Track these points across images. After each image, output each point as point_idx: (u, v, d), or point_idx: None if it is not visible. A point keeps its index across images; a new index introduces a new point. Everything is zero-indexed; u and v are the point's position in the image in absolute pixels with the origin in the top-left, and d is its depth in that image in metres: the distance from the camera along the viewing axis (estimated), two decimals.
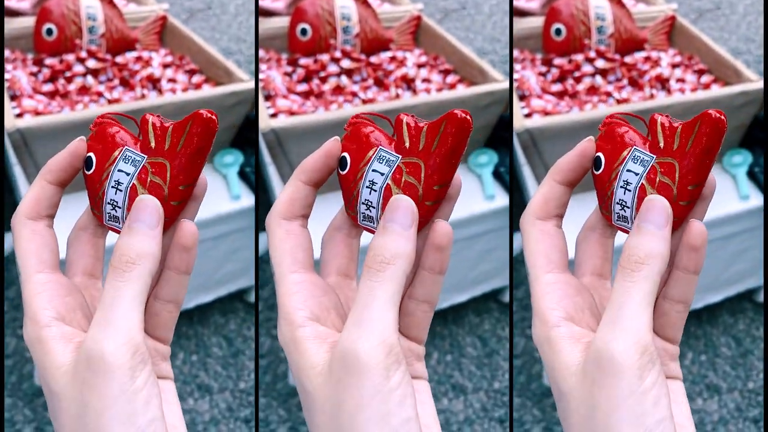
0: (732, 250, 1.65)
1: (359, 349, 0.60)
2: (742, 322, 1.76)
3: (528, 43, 1.80)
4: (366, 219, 0.65)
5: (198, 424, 1.60)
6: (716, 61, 1.77)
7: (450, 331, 1.72)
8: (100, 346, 0.59)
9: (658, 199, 0.63)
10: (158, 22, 1.76)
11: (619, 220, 0.65)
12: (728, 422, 1.65)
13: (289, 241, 0.65)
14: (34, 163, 1.51)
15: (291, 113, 1.62)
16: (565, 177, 0.66)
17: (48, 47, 1.69)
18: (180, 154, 0.63)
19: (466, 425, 1.63)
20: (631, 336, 0.60)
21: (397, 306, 0.61)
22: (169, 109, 1.56)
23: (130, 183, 0.64)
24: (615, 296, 0.61)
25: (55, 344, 0.61)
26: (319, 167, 0.65)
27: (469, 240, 1.60)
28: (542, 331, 0.63)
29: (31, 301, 0.63)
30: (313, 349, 0.62)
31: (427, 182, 0.64)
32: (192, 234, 0.64)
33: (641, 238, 0.62)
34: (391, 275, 0.61)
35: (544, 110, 1.66)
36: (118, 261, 0.61)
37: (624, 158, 0.64)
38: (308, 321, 0.63)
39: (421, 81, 1.72)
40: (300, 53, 1.74)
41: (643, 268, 0.61)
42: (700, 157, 0.62)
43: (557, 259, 0.65)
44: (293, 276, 0.64)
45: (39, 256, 0.64)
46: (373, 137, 0.65)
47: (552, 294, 0.64)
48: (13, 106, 1.57)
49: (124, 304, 0.60)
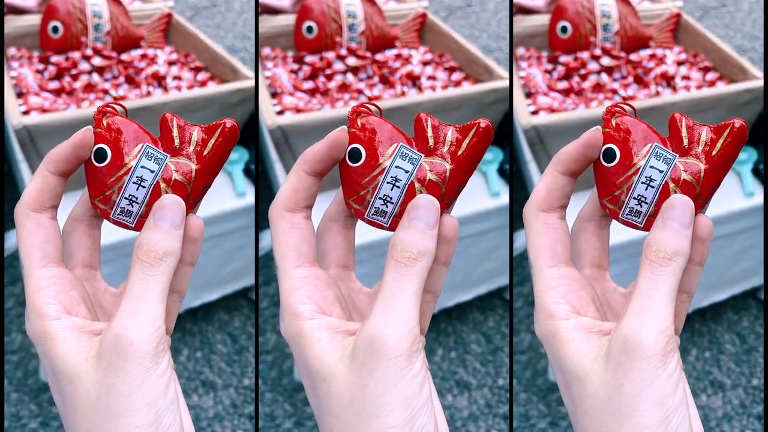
0: (737, 247, 1.64)
1: (388, 336, 0.62)
2: (746, 319, 1.76)
3: (534, 41, 1.80)
4: (378, 213, 0.66)
5: (202, 420, 1.61)
6: (721, 59, 1.77)
7: (454, 327, 1.72)
8: (129, 333, 0.62)
9: (686, 200, 0.65)
10: (163, 19, 1.77)
11: (630, 214, 0.66)
12: (732, 419, 1.65)
13: (293, 234, 0.66)
14: (40, 160, 1.51)
15: (297, 110, 1.62)
16: (568, 168, 0.66)
17: (54, 45, 1.70)
18: (206, 157, 0.65)
19: (470, 421, 1.63)
20: (658, 325, 0.62)
21: (420, 299, 0.64)
22: (175, 106, 1.56)
23: (155, 181, 0.65)
24: (642, 288, 0.64)
25: (66, 334, 0.63)
26: (323, 157, 0.66)
27: (474, 237, 1.60)
28: (548, 324, 0.65)
29: (36, 295, 0.64)
30: (326, 339, 0.64)
31: (450, 183, 0.66)
32: (198, 227, 0.66)
33: (669, 235, 0.64)
34: (417, 271, 0.64)
35: (551, 107, 1.66)
36: (146, 255, 0.63)
37: (646, 154, 0.65)
38: (316, 314, 0.65)
39: (427, 78, 1.72)
40: (306, 51, 1.74)
41: (671, 264, 0.64)
42: (725, 161, 0.65)
43: (561, 252, 0.67)
44: (298, 270, 0.66)
45: (43, 250, 0.65)
46: (391, 131, 0.67)
47: (557, 288, 0.66)
48: (19, 103, 1.58)
49: (152, 297, 0.63)
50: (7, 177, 1.67)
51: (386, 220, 0.66)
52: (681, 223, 0.64)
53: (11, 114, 1.50)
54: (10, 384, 1.63)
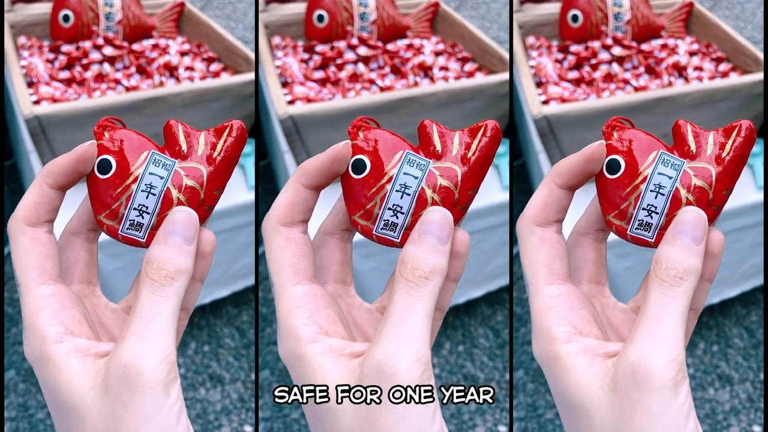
0: (749, 242, 1.63)
1: (398, 365, 0.59)
2: (755, 312, 1.75)
3: (544, 30, 1.79)
4: (388, 227, 0.63)
5: (209, 414, 1.60)
6: (735, 49, 1.76)
7: (462, 321, 1.72)
8: (139, 362, 0.58)
9: (698, 213, 0.62)
10: (176, 9, 1.75)
11: (639, 228, 0.63)
12: (740, 412, 1.65)
13: (289, 250, 0.63)
14: (51, 150, 1.50)
15: (308, 100, 1.61)
16: (566, 181, 0.63)
17: (64, 34, 1.68)
18: (217, 160, 0.63)
19: (478, 415, 1.63)
20: (669, 352, 0.59)
21: (431, 321, 0.61)
22: (187, 97, 1.55)
23: (165, 187, 0.62)
24: (652, 309, 0.60)
25: (70, 360, 0.60)
26: (323, 171, 0.63)
27: (486, 232, 1.59)
28: (548, 348, 0.62)
29: (35, 315, 0.60)
30: (330, 365, 0.61)
31: (462, 187, 0.63)
32: (210, 242, 0.63)
33: (680, 252, 0.61)
34: (429, 291, 0.61)
35: (561, 97, 1.65)
36: (156, 274, 0.60)
37: (652, 161, 0.63)
38: (318, 336, 0.61)
39: (439, 69, 1.71)
40: (316, 40, 1.73)
41: (682, 284, 0.60)
42: (737, 163, 0.62)
43: (559, 268, 0.63)
44: (296, 288, 0.62)
45: (41, 267, 0.61)
46: (395, 140, 0.64)
47: (557, 308, 0.62)
48: (30, 92, 1.56)
49: (163, 321, 0.60)
50: (14, 169, 1.67)
51: (397, 235, 0.63)
52: (693, 238, 0.61)
53: (22, 103, 1.49)
54: (18, 374, 1.62)
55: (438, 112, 1.59)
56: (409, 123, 1.57)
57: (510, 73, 1.60)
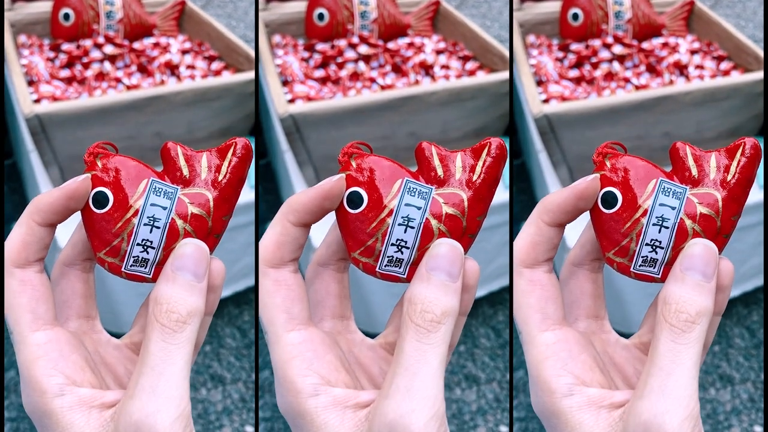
0: (751, 241, 1.63)
1: (413, 425, 0.54)
2: (756, 312, 1.75)
3: (545, 28, 1.78)
4: (392, 263, 0.58)
5: (210, 414, 1.60)
6: (736, 48, 1.75)
7: None
8: (152, 421, 0.53)
9: (707, 245, 0.56)
10: (177, 7, 1.75)
11: (644, 264, 0.57)
12: (741, 413, 1.65)
13: (280, 294, 0.57)
14: (51, 150, 1.49)
15: (308, 99, 1.61)
16: (555, 219, 0.58)
17: (65, 32, 1.68)
18: (223, 183, 0.58)
19: (479, 415, 1.62)
20: (684, 408, 0.54)
21: (445, 368, 0.55)
22: (188, 96, 1.55)
23: (169, 218, 0.57)
24: (662, 359, 0.55)
25: (74, 416, 0.55)
26: (312, 208, 0.57)
27: (488, 231, 1.59)
28: (549, 402, 0.57)
29: (32, 366, 0.55)
30: (335, 421, 0.56)
31: (470, 214, 0.58)
32: (220, 273, 0.57)
33: (690, 291, 0.55)
34: (442, 336, 0.55)
35: (562, 96, 1.65)
36: (166, 318, 0.55)
37: (652, 191, 0.57)
38: (320, 387, 0.56)
39: (440, 67, 1.70)
40: (317, 38, 1.72)
41: (695, 329, 0.55)
42: (744, 186, 0.57)
43: (553, 312, 0.58)
44: (291, 335, 0.57)
45: (33, 312, 0.56)
46: (392, 167, 0.58)
47: (554, 357, 0.57)
48: (30, 91, 1.56)
49: (176, 372, 0.54)
50: (14, 168, 1.66)
51: (403, 270, 0.58)
52: (704, 274, 0.55)
53: (22, 102, 1.49)
54: (18, 374, 1.62)
55: (439, 110, 1.59)
56: (411, 122, 1.57)
57: (510, 72, 1.60)
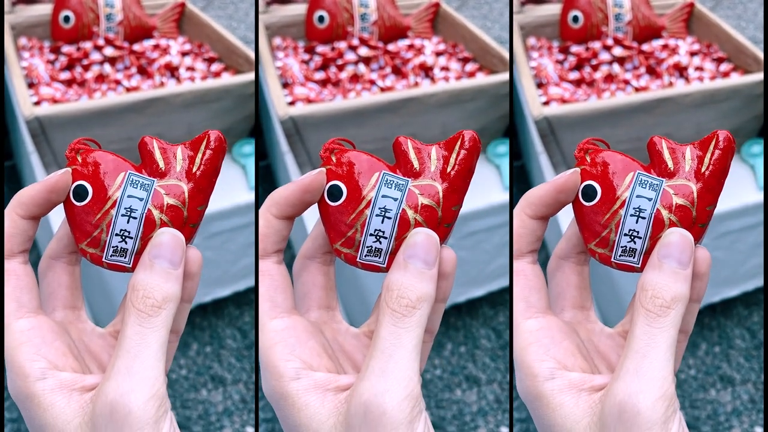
0: (751, 242, 1.63)
1: (386, 404, 0.56)
2: (757, 313, 1.75)
3: (545, 31, 1.79)
4: (372, 253, 0.61)
5: (211, 415, 1.60)
6: (736, 49, 1.75)
7: (464, 322, 1.71)
8: (126, 400, 0.55)
9: (683, 234, 0.59)
10: (177, 9, 1.75)
11: (623, 254, 0.60)
12: (741, 414, 1.65)
13: (264, 283, 0.60)
14: (51, 151, 1.50)
15: (308, 101, 1.61)
16: (537, 212, 0.61)
17: (65, 35, 1.68)
18: (197, 175, 0.60)
19: (479, 416, 1.63)
20: (657, 388, 0.56)
21: (420, 352, 0.58)
22: (188, 97, 1.55)
23: (145, 209, 0.59)
24: (637, 342, 0.57)
25: (54, 397, 0.57)
26: (294, 201, 0.60)
27: (487, 232, 1.59)
28: (531, 386, 0.59)
29: (16, 352, 0.57)
30: (316, 403, 0.58)
31: (445, 204, 0.61)
32: (197, 260, 0.60)
33: (666, 278, 0.58)
34: (417, 321, 0.58)
35: (562, 98, 1.65)
36: (142, 303, 0.57)
37: (629, 183, 0.60)
38: (302, 371, 0.59)
39: (440, 69, 1.71)
40: (317, 41, 1.73)
41: (669, 313, 0.57)
42: (718, 176, 0.60)
43: (537, 300, 0.61)
44: (275, 323, 0.60)
45: (17, 300, 0.58)
46: (371, 161, 0.61)
47: (537, 343, 0.60)
48: (30, 93, 1.56)
49: (151, 354, 0.56)
50: (14, 170, 1.66)
51: (382, 260, 0.61)
52: (679, 261, 0.58)
53: (22, 104, 1.49)
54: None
55: (439, 112, 1.59)
56: (411, 123, 1.57)
57: (510, 74, 1.60)
